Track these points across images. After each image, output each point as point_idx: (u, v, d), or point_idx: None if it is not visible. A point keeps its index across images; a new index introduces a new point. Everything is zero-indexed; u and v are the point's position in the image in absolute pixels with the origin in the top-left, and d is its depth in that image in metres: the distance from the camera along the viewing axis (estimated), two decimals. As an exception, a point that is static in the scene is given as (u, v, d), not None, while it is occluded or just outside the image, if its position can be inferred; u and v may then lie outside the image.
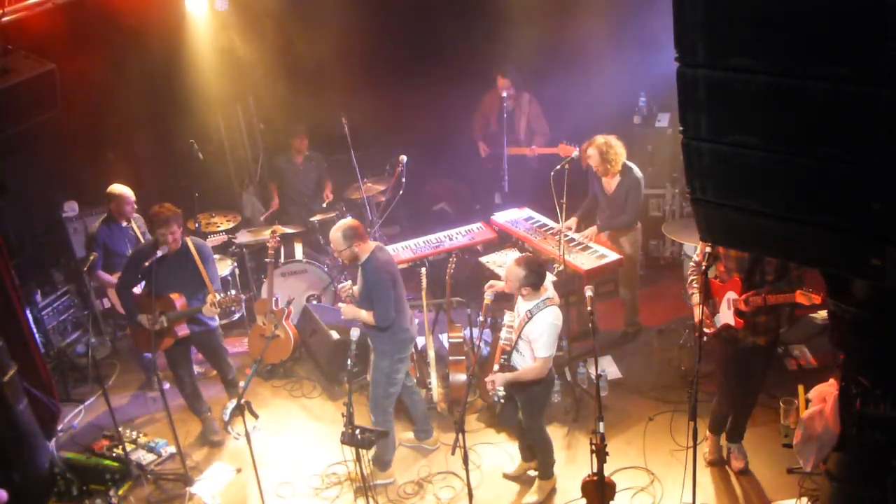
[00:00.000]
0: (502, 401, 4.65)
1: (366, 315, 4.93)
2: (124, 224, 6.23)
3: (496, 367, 4.73)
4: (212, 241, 6.72)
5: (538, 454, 5.01)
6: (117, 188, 6.18)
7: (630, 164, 5.99)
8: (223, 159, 8.45)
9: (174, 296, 5.36)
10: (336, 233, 4.89)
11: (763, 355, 4.68)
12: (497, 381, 4.62)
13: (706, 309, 4.49)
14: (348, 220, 5.00)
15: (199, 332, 5.60)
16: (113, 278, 6.07)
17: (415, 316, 6.81)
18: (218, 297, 5.35)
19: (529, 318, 4.53)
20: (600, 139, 5.87)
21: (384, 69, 7.77)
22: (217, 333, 5.79)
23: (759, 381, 4.88)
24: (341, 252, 4.90)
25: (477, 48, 7.52)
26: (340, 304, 5.24)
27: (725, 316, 4.56)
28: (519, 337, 4.62)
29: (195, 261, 5.45)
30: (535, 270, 4.52)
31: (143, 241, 6.19)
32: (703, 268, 4.26)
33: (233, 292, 5.47)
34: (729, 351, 4.70)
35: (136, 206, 6.23)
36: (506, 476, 5.23)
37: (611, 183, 6.08)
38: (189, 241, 5.50)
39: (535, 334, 4.51)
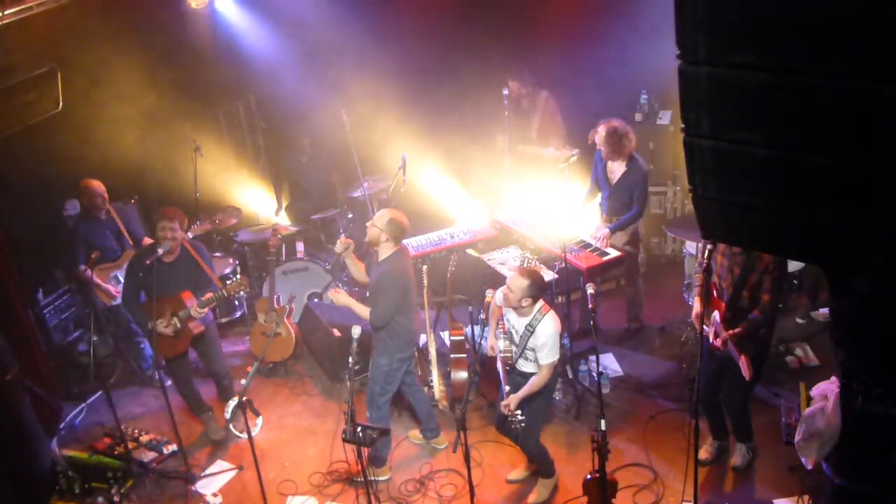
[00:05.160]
0: (523, 423, 4.46)
1: (359, 308, 4.90)
2: (103, 217, 6.21)
3: (507, 388, 4.60)
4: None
5: (536, 461, 5.00)
6: (87, 182, 6.17)
7: (637, 155, 5.95)
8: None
9: (184, 295, 5.35)
10: (388, 214, 4.85)
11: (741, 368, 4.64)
12: (512, 405, 4.52)
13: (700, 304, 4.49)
14: (403, 218, 4.91)
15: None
16: (95, 276, 6.07)
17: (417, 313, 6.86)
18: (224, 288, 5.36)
19: (532, 332, 4.52)
20: (614, 121, 5.82)
21: (386, 66, 7.76)
22: (213, 326, 5.78)
23: (742, 391, 4.75)
24: (373, 225, 4.85)
25: (481, 46, 7.50)
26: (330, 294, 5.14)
27: (709, 331, 4.56)
28: (524, 348, 4.59)
29: (196, 260, 5.46)
30: (537, 281, 4.50)
31: (125, 232, 6.23)
32: (704, 264, 4.25)
33: (237, 277, 5.45)
34: (708, 352, 4.69)
35: (106, 198, 6.19)
36: (510, 481, 5.19)
37: (615, 170, 6.00)
38: (185, 243, 5.52)
39: (540, 344, 4.51)
